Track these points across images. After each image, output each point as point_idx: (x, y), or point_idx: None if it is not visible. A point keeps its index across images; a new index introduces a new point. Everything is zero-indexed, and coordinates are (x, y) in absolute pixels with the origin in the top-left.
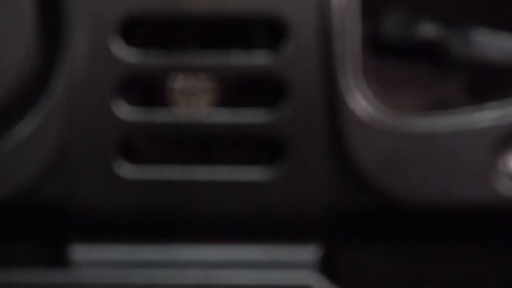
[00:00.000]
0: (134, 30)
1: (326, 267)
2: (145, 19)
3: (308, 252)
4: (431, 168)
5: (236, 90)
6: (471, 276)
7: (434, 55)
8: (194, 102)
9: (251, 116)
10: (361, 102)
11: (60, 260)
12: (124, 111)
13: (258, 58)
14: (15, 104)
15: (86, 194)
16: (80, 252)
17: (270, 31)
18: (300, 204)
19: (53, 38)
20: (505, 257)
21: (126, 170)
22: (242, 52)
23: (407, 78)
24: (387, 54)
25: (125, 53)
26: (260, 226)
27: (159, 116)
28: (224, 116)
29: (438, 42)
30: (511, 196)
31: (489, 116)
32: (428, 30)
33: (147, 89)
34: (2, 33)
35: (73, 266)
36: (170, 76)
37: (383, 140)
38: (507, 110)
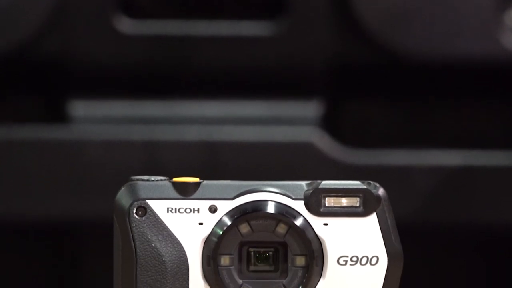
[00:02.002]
0: None
1: (328, 123)
2: None
3: (310, 108)
4: (436, 23)
5: None
6: (474, 131)
7: None
8: None
9: None
10: None
11: (59, 116)
12: None
13: None
14: None
15: (86, 49)
16: (80, 108)
17: None
18: (302, 59)
19: None
20: (508, 112)
21: (126, 25)
22: None
23: None
24: None
25: None
26: (261, 82)
27: None
28: None
29: None
30: None
31: None
32: None
33: None
34: None
35: (72, 122)
36: None
37: None
38: None
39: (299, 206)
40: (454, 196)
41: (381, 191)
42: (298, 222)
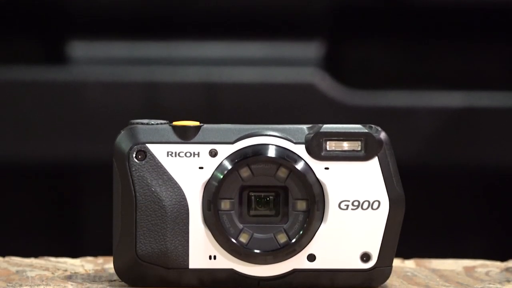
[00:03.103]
0: None
1: (329, 64)
2: None
3: (311, 49)
4: None
5: None
6: (476, 72)
7: None
8: None
9: None
10: None
11: (58, 57)
12: None
13: None
14: None
15: None
16: (79, 49)
17: None
18: (304, 0)
19: None
20: (509, 53)
21: None
22: None
23: None
24: None
25: None
26: (262, 23)
27: None
28: None
29: None
30: None
31: None
32: None
33: None
34: None
35: (71, 63)
36: None
37: None
38: None
39: (300, 150)
40: (456, 138)
41: (382, 135)
42: (299, 166)
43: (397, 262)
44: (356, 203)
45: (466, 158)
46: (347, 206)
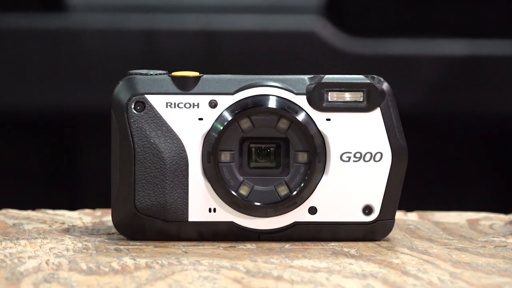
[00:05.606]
0: None
1: (331, 11)
2: None
3: None
4: None
5: None
6: (480, 20)
7: None
8: None
9: None
10: None
11: (56, 4)
12: None
13: None
14: None
15: None
16: None
17: None
18: None
19: None
20: None
21: None
22: None
23: None
24: None
25: None
26: None
27: None
28: None
29: None
30: None
31: None
32: None
33: None
34: None
35: (69, 11)
36: None
37: None
38: None
39: (301, 101)
40: (460, 87)
41: (385, 86)
42: (300, 117)
43: (399, 215)
44: (358, 155)
45: (470, 107)
46: (349, 158)
